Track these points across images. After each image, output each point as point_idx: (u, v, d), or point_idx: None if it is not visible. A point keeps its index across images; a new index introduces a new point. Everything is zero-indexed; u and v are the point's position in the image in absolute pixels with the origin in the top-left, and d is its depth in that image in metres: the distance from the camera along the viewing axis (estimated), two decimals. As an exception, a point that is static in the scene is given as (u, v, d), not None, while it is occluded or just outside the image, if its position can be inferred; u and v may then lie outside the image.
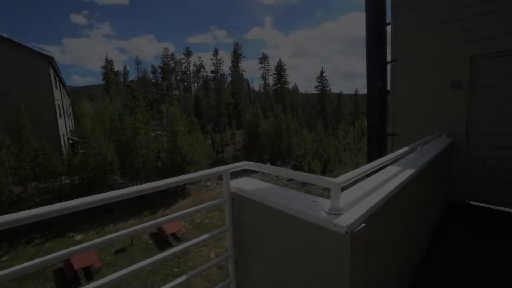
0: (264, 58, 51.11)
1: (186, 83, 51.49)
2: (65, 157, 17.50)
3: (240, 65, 41.93)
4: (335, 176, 1.22)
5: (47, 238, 14.05)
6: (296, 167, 26.73)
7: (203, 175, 1.45)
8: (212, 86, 38.61)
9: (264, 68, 51.33)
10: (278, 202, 1.27)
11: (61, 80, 24.53)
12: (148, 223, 1.35)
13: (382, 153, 4.20)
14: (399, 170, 1.84)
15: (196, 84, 53.17)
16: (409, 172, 1.81)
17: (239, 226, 1.62)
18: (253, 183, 1.62)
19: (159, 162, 23.36)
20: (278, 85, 53.00)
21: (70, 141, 24.46)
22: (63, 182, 17.38)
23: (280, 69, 54.71)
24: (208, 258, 11.88)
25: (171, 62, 47.97)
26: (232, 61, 42.32)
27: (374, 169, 1.51)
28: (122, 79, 54.61)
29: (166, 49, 48.46)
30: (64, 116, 25.01)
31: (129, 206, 18.24)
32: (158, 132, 34.02)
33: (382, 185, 1.48)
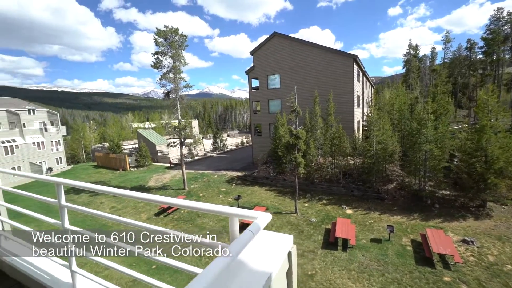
0: None
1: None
2: (352, 141, 20.36)
3: None
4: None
5: (330, 202, 17.85)
6: None
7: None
8: None
9: None
10: None
11: (364, 73, 28.07)
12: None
13: None
14: None
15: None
16: None
17: None
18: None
19: (453, 163, 18.97)
20: None
21: (366, 128, 27.79)
22: (348, 162, 20.59)
23: None
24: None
25: (505, 27, 34.38)
26: None
27: None
28: (428, 64, 49.81)
29: (498, 9, 35.17)
30: (362, 105, 28.72)
31: (401, 201, 17.29)
32: (465, 125, 27.37)
33: None
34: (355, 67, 22.42)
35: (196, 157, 35.10)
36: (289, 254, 1.12)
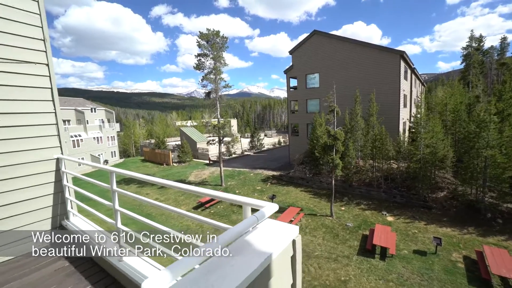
0: None
1: None
2: (397, 144, 18.91)
3: None
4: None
5: (369, 207, 16.90)
6: None
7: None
8: None
9: None
10: None
11: (413, 71, 25.82)
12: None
13: None
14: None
15: None
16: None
17: None
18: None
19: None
20: None
21: (413, 130, 25.59)
22: (391, 165, 19.20)
23: None
24: None
25: None
26: None
27: None
28: (496, 57, 43.81)
29: None
30: (410, 105, 26.47)
31: (453, 212, 15.60)
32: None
33: None
34: (402, 64, 20.78)
35: (233, 155, 36.14)
36: (294, 242, 1.20)
